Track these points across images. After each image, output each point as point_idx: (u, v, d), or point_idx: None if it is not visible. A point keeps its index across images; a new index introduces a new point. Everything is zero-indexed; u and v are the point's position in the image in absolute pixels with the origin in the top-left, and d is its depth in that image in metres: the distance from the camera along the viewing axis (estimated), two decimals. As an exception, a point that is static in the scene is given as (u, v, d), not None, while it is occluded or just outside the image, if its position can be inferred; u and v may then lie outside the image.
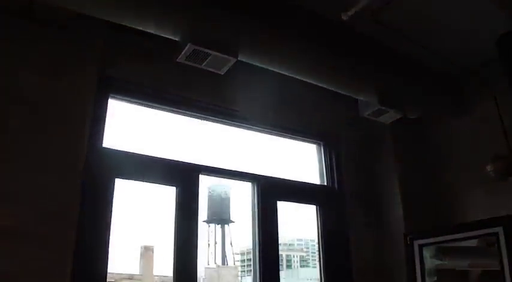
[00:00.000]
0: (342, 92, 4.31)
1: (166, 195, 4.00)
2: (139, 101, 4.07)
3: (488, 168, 4.06)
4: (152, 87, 4.02)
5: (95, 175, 3.51)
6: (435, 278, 4.27)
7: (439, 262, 4.30)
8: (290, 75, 3.94)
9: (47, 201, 3.13)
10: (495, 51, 3.91)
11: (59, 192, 3.20)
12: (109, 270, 3.51)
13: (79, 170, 3.33)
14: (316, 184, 5.00)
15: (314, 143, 5.11)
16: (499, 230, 3.90)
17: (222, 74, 3.68)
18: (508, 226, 3.86)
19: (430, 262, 4.32)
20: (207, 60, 3.45)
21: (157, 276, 36.77)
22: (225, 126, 4.57)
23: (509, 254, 3.80)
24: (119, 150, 3.79)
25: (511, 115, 4.24)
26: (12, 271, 2.90)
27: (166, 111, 4.24)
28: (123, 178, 3.74)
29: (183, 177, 4.03)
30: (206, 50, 3.35)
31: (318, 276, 4.74)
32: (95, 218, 3.47)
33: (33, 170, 3.14)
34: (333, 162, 4.99)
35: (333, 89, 4.22)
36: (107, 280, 3.51)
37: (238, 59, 3.53)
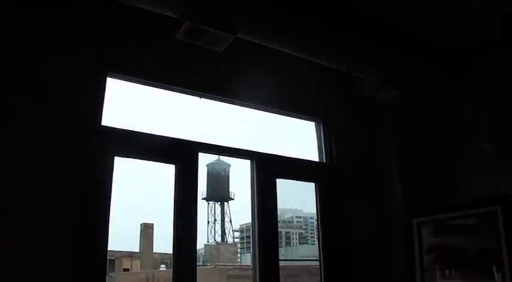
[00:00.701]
0: (342, 70, 4.29)
1: (165, 173, 4.01)
2: (138, 79, 4.05)
3: (488, 147, 4.06)
4: (150, 65, 3.99)
5: (94, 154, 3.50)
6: (433, 256, 4.30)
7: (437, 240, 4.33)
8: (290, 53, 3.91)
9: (47, 180, 3.13)
10: (496, 28, 3.88)
11: (58, 172, 3.19)
12: (109, 247, 3.53)
13: (78, 149, 3.33)
14: (315, 161, 5.00)
15: (313, 120, 5.09)
16: (498, 208, 3.92)
17: (221, 51, 3.65)
18: (506, 205, 3.88)
19: (428, 239, 4.34)
20: (206, 37, 3.43)
21: (157, 253, 37.12)
22: (224, 104, 4.55)
23: (507, 233, 3.83)
24: (118, 129, 3.78)
25: (511, 93, 4.22)
26: (13, 250, 2.92)
27: (165, 89, 4.21)
28: (122, 156, 3.74)
29: (182, 155, 4.03)
30: (204, 27, 3.33)
31: (317, 253, 4.76)
32: (95, 196, 3.47)
33: (32, 149, 3.14)
34: (331, 139, 4.98)
35: (332, 66, 4.20)
36: (107, 258, 3.53)
37: (237, 36, 3.50)
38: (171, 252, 3.88)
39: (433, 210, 4.45)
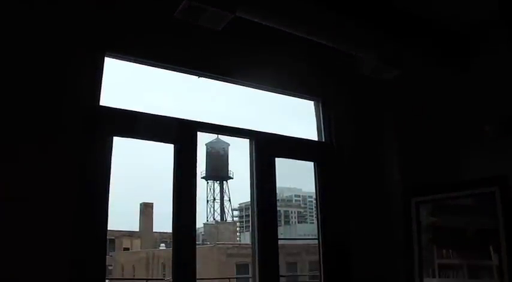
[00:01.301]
0: (342, 49, 4.26)
1: (165, 153, 4.01)
2: (136, 59, 4.02)
3: (487, 128, 4.06)
4: (149, 44, 3.96)
5: (93, 134, 3.50)
6: (431, 235, 4.33)
7: (435, 219, 4.36)
8: (290, 31, 3.89)
9: (45, 161, 3.13)
10: (497, 9, 3.85)
11: (56, 152, 3.20)
12: (109, 227, 3.55)
13: (76, 130, 3.32)
14: (314, 140, 5.00)
15: (312, 99, 5.08)
16: (496, 189, 3.95)
17: (220, 29, 3.63)
18: (504, 186, 3.89)
19: (427, 219, 4.37)
20: (204, 16, 3.40)
21: (157, 232, 37.38)
22: (222, 83, 4.53)
23: (505, 213, 3.86)
24: (116, 109, 3.76)
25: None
26: (13, 231, 2.93)
27: (163, 69, 4.19)
28: (120, 136, 3.73)
29: (181, 134, 4.02)
30: (203, 6, 3.30)
31: (316, 232, 4.79)
32: (94, 176, 3.47)
33: (30, 130, 3.13)
34: (331, 118, 4.97)
35: (332, 45, 4.17)
36: (107, 237, 3.55)
37: (236, 15, 3.47)
38: (171, 232, 3.90)
39: (432, 190, 4.47)
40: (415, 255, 4.32)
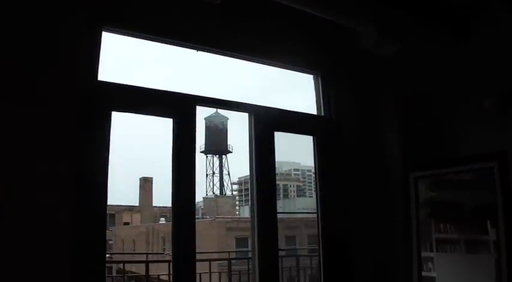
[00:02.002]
0: (342, 23, 4.22)
1: (164, 127, 4.00)
2: (134, 33, 3.99)
3: (487, 102, 4.05)
4: (147, 19, 3.92)
5: (91, 109, 3.48)
6: (429, 210, 4.35)
7: (433, 194, 4.37)
8: (290, 4, 3.85)
9: (43, 136, 3.13)
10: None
11: (55, 128, 3.19)
12: (109, 202, 3.56)
13: (74, 105, 3.31)
14: (313, 115, 4.99)
15: (311, 73, 5.05)
16: (494, 164, 3.95)
17: (219, 3, 3.60)
18: (503, 161, 3.90)
19: (425, 194, 4.39)
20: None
21: (156, 207, 37.53)
22: (221, 57, 4.50)
23: (503, 189, 3.87)
24: (114, 83, 3.74)
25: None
26: (12, 205, 2.94)
27: (162, 43, 4.16)
28: (119, 111, 3.72)
29: (179, 108, 4.01)
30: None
31: (315, 206, 4.82)
32: (93, 151, 3.47)
33: (27, 105, 3.11)
34: (330, 93, 4.95)
35: (332, 18, 4.13)
36: (107, 212, 3.56)
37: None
38: (171, 206, 3.92)
39: (431, 164, 4.48)
40: (413, 229, 4.34)
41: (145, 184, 38.32)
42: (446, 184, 4.35)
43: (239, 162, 56.12)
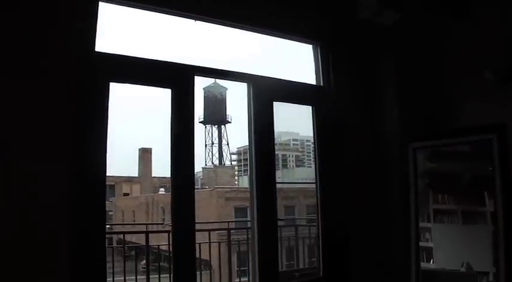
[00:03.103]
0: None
1: (162, 97, 3.98)
2: (131, 3, 3.93)
3: (487, 73, 4.02)
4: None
5: (89, 80, 3.46)
6: (427, 180, 4.36)
7: (432, 165, 4.38)
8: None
9: (41, 109, 3.11)
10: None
11: (52, 100, 3.17)
12: (108, 173, 3.56)
13: (72, 76, 3.28)
14: (312, 84, 4.96)
15: (310, 43, 5.01)
16: (493, 136, 3.95)
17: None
18: (502, 133, 3.89)
19: (423, 165, 4.40)
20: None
21: (156, 177, 37.63)
22: (219, 26, 4.46)
23: (502, 161, 3.88)
24: (112, 54, 3.70)
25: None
26: (11, 176, 2.94)
27: (159, 13, 4.11)
28: (117, 82, 3.70)
29: (177, 78, 3.99)
30: None
31: (313, 176, 4.83)
32: (91, 123, 3.47)
33: (23, 79, 3.09)
34: (329, 63, 4.91)
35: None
36: (107, 183, 3.57)
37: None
38: (170, 176, 3.93)
39: (430, 135, 4.48)
40: (412, 200, 4.37)
41: (145, 155, 38.39)
42: (445, 155, 4.36)
43: (238, 133, 56.12)
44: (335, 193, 4.72)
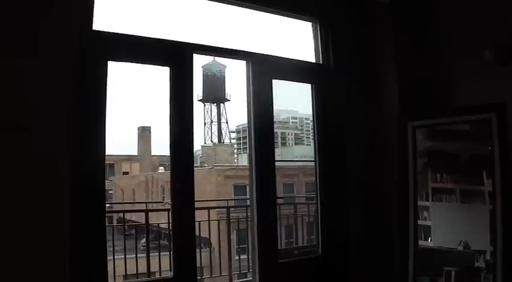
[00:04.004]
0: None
1: (161, 76, 3.97)
2: (128, -21, 3.90)
3: (487, 53, 4.00)
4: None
5: (87, 59, 3.45)
6: (426, 159, 4.37)
7: (431, 144, 4.38)
8: None
9: (39, 89, 3.09)
10: None
11: (50, 79, 3.15)
12: (108, 152, 3.57)
13: (70, 55, 3.26)
14: (311, 62, 4.94)
15: (310, 20, 4.97)
16: (493, 116, 3.94)
17: None
18: (501, 113, 3.89)
19: (422, 143, 4.40)
20: None
21: (155, 156, 37.62)
22: (218, 4, 4.41)
23: (500, 141, 3.88)
24: (110, 32, 3.68)
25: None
26: (10, 160, 2.94)
27: (157, -11, 4.07)
28: (115, 60, 3.69)
29: (176, 56, 3.97)
30: None
31: (312, 154, 4.83)
32: (90, 102, 3.47)
33: (20, 57, 3.06)
34: (328, 40, 4.88)
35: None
36: (107, 162, 3.57)
37: None
38: (169, 155, 3.93)
39: (429, 114, 4.47)
40: (410, 178, 4.37)
41: (144, 133, 38.29)
42: (444, 134, 4.35)
43: (237, 111, 56.06)
44: (334, 171, 4.73)
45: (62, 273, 3.08)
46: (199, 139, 51.54)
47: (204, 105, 54.80)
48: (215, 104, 55.42)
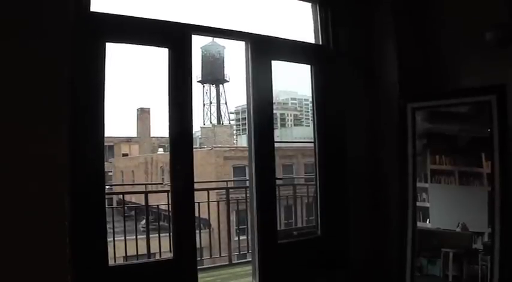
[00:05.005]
0: None
1: (160, 57, 3.95)
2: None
3: (487, 35, 3.98)
4: None
5: (85, 41, 3.43)
6: (425, 141, 4.36)
7: (430, 126, 4.37)
8: None
9: (36, 71, 3.07)
10: None
11: (48, 61, 3.13)
12: (107, 134, 3.56)
13: (68, 37, 3.23)
14: (311, 43, 4.92)
15: (309, 1, 4.93)
16: (492, 98, 3.92)
17: None
18: (501, 95, 3.87)
19: (422, 125, 4.38)
20: None
21: (154, 137, 37.68)
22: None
23: (500, 123, 3.87)
24: (108, 14, 3.66)
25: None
26: (9, 139, 2.94)
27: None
28: (113, 42, 3.67)
29: (175, 37, 3.95)
30: None
31: (312, 135, 4.83)
32: (88, 84, 3.46)
33: (18, 39, 3.04)
34: (328, 21, 4.85)
35: None
36: (106, 144, 3.57)
37: None
38: (168, 136, 3.93)
39: (429, 96, 4.45)
40: (409, 160, 4.37)
41: (143, 115, 38.27)
42: (444, 116, 4.34)
43: (236, 92, 56.01)
44: (333, 152, 4.74)
45: (62, 255, 3.09)
46: (199, 120, 51.61)
47: (203, 86, 54.69)
48: (214, 85, 55.31)
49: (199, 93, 54.00)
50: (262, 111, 4.41)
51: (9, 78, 2.98)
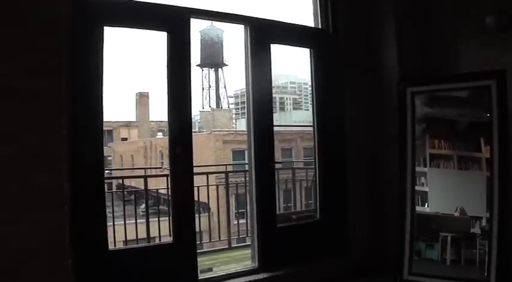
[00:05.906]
0: None
1: (158, 41, 3.94)
2: None
3: (488, 20, 3.96)
4: None
5: (82, 25, 3.41)
6: (424, 125, 4.36)
7: (429, 110, 4.37)
8: None
9: (33, 55, 3.04)
10: None
11: (45, 46, 3.10)
12: (106, 118, 3.56)
13: (65, 21, 3.21)
14: (310, 27, 4.89)
15: (309, -16, 4.91)
16: (492, 83, 3.92)
17: None
18: (501, 80, 3.87)
19: (421, 109, 4.38)
20: None
21: (153, 121, 37.63)
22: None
23: (499, 108, 3.88)
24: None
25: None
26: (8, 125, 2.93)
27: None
28: (111, 26, 3.66)
29: (173, 21, 3.93)
30: None
31: (311, 119, 4.83)
32: (87, 68, 3.45)
33: (15, 23, 3.01)
34: (328, 5, 4.83)
35: None
36: (105, 128, 3.57)
37: None
38: (167, 120, 3.93)
39: (428, 80, 4.45)
40: (409, 144, 4.37)
41: (142, 99, 38.20)
42: (443, 101, 4.33)
43: (235, 76, 55.89)
44: (332, 136, 4.74)
45: (62, 239, 3.09)
46: (198, 104, 51.51)
47: (202, 70, 54.57)
48: (213, 69, 55.18)
49: (198, 77, 53.92)
50: (261, 95, 4.40)
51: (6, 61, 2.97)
